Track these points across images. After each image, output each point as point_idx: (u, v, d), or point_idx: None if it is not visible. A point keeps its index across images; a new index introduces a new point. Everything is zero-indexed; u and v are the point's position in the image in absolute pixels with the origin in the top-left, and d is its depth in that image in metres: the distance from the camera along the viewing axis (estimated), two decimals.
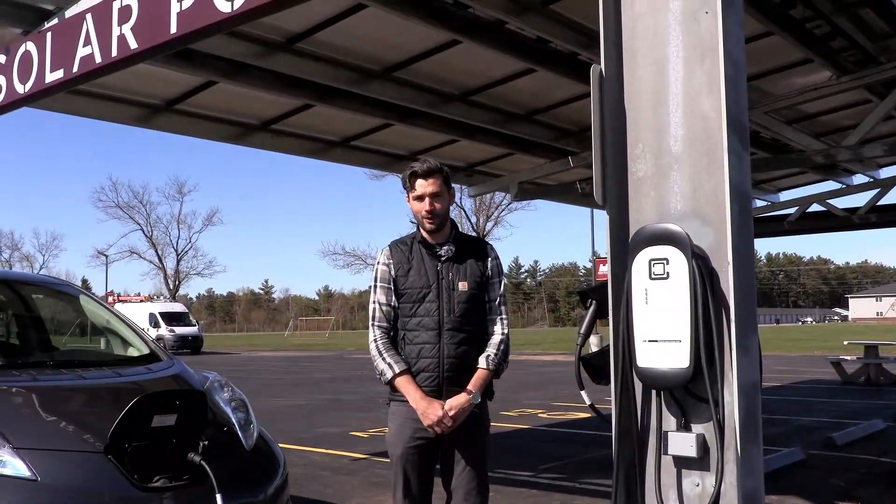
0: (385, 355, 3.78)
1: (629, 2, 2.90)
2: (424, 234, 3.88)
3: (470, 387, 3.75)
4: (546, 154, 9.51)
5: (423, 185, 3.81)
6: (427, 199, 3.80)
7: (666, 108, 2.79)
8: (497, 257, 4.00)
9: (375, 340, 3.83)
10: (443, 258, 3.85)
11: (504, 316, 3.95)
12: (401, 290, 3.83)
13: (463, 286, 3.82)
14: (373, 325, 3.86)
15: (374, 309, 3.87)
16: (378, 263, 3.92)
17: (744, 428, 2.62)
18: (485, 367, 3.80)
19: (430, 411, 3.67)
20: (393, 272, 3.85)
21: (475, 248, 3.97)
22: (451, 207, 4.04)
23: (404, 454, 3.79)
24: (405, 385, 3.73)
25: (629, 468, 2.86)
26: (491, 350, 3.84)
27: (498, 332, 3.88)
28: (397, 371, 3.74)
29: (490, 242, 4.12)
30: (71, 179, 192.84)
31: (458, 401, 3.70)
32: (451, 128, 8.27)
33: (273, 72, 6.61)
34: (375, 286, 3.89)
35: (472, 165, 10.14)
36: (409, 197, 3.88)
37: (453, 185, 3.99)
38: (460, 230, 4.07)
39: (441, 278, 3.81)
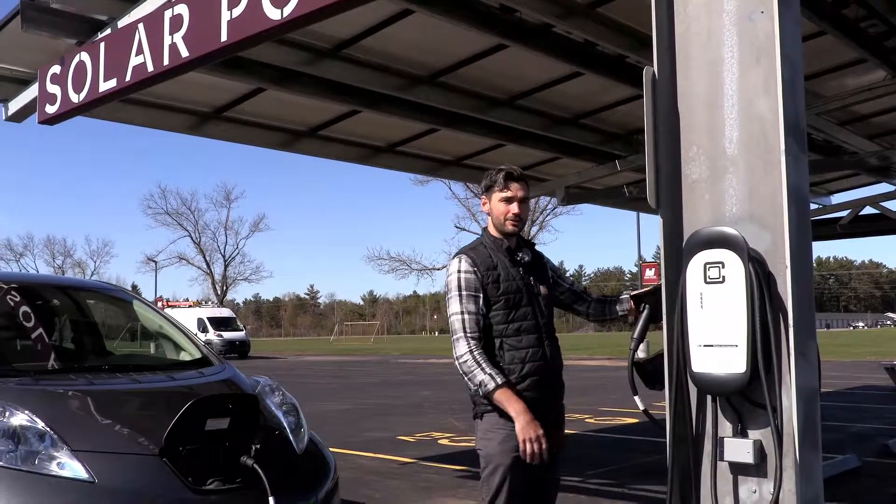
0: (485, 366, 3.59)
1: (682, 4, 2.87)
2: (505, 241, 3.85)
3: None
4: (593, 158, 9.45)
5: (516, 188, 3.83)
6: (516, 203, 3.82)
7: (721, 110, 2.76)
8: (548, 259, 4.14)
9: (471, 351, 3.61)
10: (521, 262, 3.86)
11: None
12: (497, 297, 3.71)
13: (544, 290, 3.88)
14: (464, 336, 3.64)
15: (464, 319, 3.66)
16: (459, 272, 3.73)
17: (803, 434, 2.57)
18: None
19: (536, 428, 3.55)
20: (481, 279, 3.72)
21: (537, 254, 4.05)
22: None
23: (513, 466, 3.64)
24: (509, 396, 3.58)
25: (684, 474, 2.83)
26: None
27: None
28: (500, 382, 3.57)
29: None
30: (121, 187, 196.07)
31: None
32: (497, 132, 8.25)
33: (320, 78, 6.65)
34: (460, 295, 3.69)
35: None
36: (490, 198, 3.86)
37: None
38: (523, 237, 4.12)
39: (526, 283, 3.81)
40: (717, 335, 2.63)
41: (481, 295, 3.71)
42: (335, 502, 4.45)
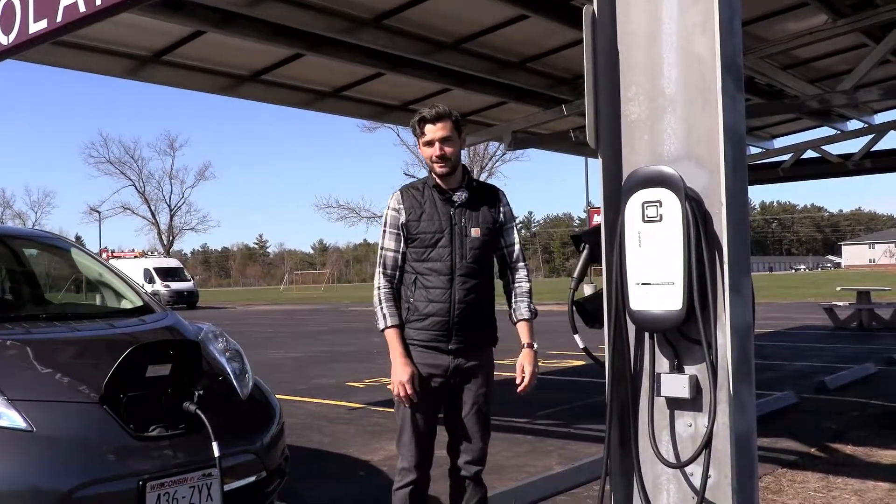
0: (383, 305, 3.83)
1: None
2: (437, 180, 3.86)
3: (526, 341, 3.92)
4: (540, 102, 9.44)
5: (432, 130, 3.80)
6: (437, 144, 3.79)
7: (659, 49, 2.75)
8: (508, 203, 4.01)
9: (379, 289, 3.86)
10: (456, 204, 3.84)
11: (526, 263, 4.05)
12: (413, 235, 3.82)
13: (475, 232, 3.84)
14: (379, 272, 3.88)
15: (382, 255, 3.88)
16: (388, 209, 3.90)
17: (736, 369, 2.63)
18: (528, 317, 3.94)
19: (403, 373, 3.74)
20: (403, 217, 3.83)
21: (487, 195, 3.97)
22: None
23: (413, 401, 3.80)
24: (393, 338, 3.80)
25: (622, 410, 2.88)
26: (525, 299, 3.96)
27: (524, 279, 3.98)
28: (388, 324, 3.80)
29: (501, 189, 4.07)
30: (61, 135, 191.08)
31: (528, 357, 3.89)
32: (443, 77, 8.19)
33: (262, 20, 6.50)
34: (384, 231, 3.88)
35: (466, 115, 10.04)
36: (419, 143, 3.87)
37: None
38: (473, 177, 4.05)
39: (454, 224, 3.81)
40: (655, 273, 2.66)
41: (400, 233, 3.85)
42: (280, 447, 4.46)
